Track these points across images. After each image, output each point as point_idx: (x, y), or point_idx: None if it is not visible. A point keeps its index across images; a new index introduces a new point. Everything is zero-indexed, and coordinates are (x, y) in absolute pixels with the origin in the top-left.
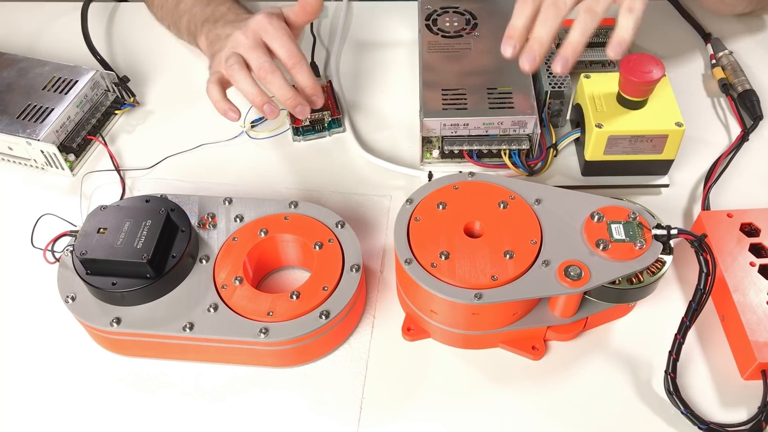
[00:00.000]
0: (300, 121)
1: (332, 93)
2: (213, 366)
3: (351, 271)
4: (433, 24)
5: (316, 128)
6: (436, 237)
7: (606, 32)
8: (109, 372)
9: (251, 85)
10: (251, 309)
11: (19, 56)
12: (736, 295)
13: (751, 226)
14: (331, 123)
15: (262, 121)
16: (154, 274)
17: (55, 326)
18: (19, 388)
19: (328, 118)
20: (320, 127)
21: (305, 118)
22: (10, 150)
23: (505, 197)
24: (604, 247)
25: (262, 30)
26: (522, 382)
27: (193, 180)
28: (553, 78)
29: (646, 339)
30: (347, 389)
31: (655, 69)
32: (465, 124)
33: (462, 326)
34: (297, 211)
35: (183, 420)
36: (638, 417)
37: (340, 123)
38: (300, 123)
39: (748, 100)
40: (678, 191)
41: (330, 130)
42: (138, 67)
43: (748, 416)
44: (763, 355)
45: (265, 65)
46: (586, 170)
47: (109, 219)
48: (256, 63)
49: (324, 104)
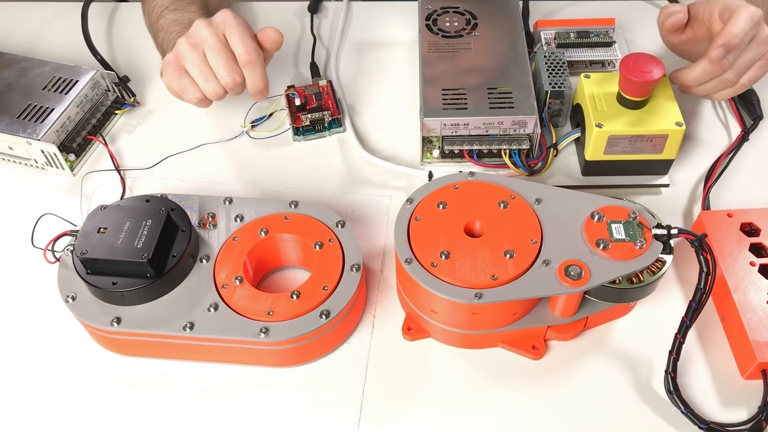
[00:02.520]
0: (300, 120)
1: (332, 93)
2: (213, 366)
3: (351, 270)
4: (433, 24)
5: (317, 128)
6: (436, 237)
7: (606, 32)
8: (109, 372)
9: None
10: (251, 309)
11: (19, 56)
12: (736, 295)
13: (751, 225)
14: (331, 123)
15: (262, 121)
16: (155, 274)
17: (55, 326)
18: (20, 387)
19: (329, 118)
20: (320, 127)
21: (305, 118)
22: (10, 150)
23: (506, 197)
24: (605, 246)
25: (224, 25)
26: (522, 382)
27: (193, 180)
28: (553, 78)
29: (646, 339)
30: (347, 389)
31: (655, 69)
32: (465, 124)
33: (462, 326)
34: (297, 210)
35: (183, 420)
36: (638, 417)
37: (341, 123)
38: (300, 123)
39: (748, 100)
40: (678, 191)
41: (330, 130)
42: (138, 67)
43: (748, 416)
44: (764, 355)
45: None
46: (586, 170)
47: (109, 219)
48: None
49: (324, 104)
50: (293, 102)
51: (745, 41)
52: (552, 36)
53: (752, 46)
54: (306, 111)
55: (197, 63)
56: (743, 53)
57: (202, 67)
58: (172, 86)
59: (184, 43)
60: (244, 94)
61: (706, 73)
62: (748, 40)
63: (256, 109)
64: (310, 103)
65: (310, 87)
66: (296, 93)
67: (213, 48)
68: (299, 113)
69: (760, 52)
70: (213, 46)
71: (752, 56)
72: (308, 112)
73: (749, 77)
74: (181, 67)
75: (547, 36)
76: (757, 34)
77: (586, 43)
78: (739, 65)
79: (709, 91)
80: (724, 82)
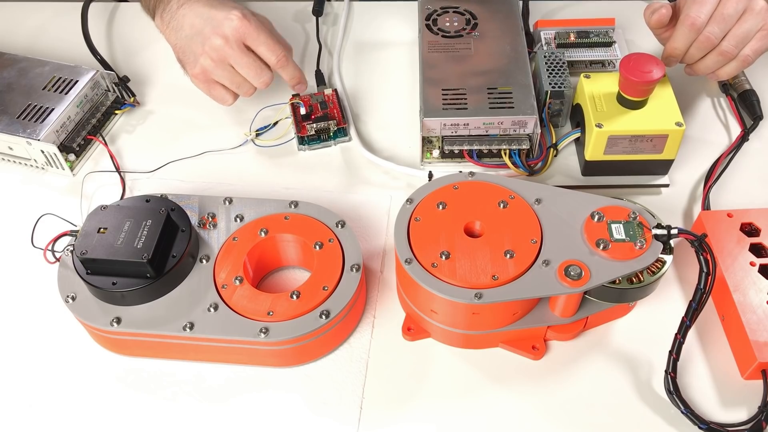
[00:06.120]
0: (305, 130)
1: (338, 101)
2: (213, 366)
3: (351, 270)
4: (433, 24)
5: (321, 137)
6: (436, 237)
7: (606, 32)
8: (109, 372)
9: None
10: (251, 309)
11: (19, 56)
12: (736, 295)
13: (751, 226)
14: (336, 132)
15: (266, 129)
16: (155, 274)
17: (55, 326)
18: (20, 387)
19: (334, 128)
20: (326, 137)
21: (310, 127)
22: (10, 150)
23: (505, 197)
24: (605, 246)
25: (245, 36)
26: (522, 382)
27: (193, 180)
28: (553, 78)
29: (646, 339)
30: (347, 389)
31: (655, 69)
32: (465, 124)
33: (462, 326)
34: (297, 210)
35: (183, 420)
36: (638, 417)
37: (346, 132)
38: (305, 132)
39: (748, 100)
40: (678, 191)
41: (336, 140)
42: (138, 67)
43: (748, 416)
44: (763, 355)
45: (281, 56)
46: (586, 170)
47: (109, 219)
48: (272, 58)
49: (330, 113)
50: (298, 111)
51: (731, 10)
52: (552, 36)
53: (747, 17)
54: (311, 120)
55: (227, 76)
56: (738, 24)
57: (233, 78)
58: (204, 92)
59: (208, 60)
60: (246, 101)
61: (684, 36)
62: (736, 11)
63: (261, 118)
64: (316, 112)
65: (315, 96)
66: (301, 102)
67: (239, 62)
68: (304, 122)
69: (758, 23)
70: (238, 61)
71: (749, 27)
72: (313, 122)
73: (752, 48)
74: (210, 80)
75: (547, 36)
76: (751, 5)
77: (586, 43)
78: (737, 36)
79: (711, 67)
80: (724, 54)
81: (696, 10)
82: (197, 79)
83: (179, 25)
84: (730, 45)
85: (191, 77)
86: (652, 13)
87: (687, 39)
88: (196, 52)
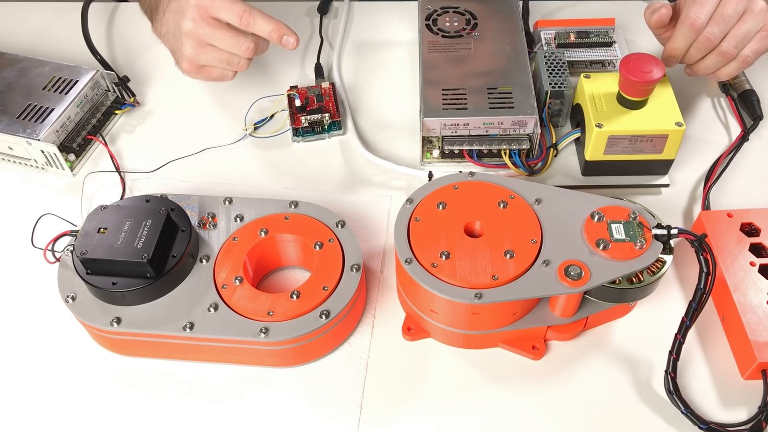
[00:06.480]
0: (299, 122)
1: (334, 95)
2: (213, 366)
3: (351, 270)
4: (433, 24)
5: (316, 130)
6: (436, 237)
7: (606, 32)
8: (109, 372)
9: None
10: (251, 309)
11: (19, 56)
12: (737, 295)
13: (751, 226)
14: (330, 125)
15: (264, 122)
16: (155, 274)
17: (55, 326)
18: (20, 387)
19: (328, 121)
20: (319, 129)
21: (305, 119)
22: (10, 150)
23: (505, 197)
24: (605, 246)
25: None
26: (522, 382)
27: (193, 180)
28: (553, 78)
29: (646, 339)
30: (347, 389)
31: (655, 69)
32: (465, 124)
33: (462, 326)
34: (297, 210)
35: (183, 420)
36: (638, 417)
37: (340, 126)
38: (299, 124)
39: (748, 100)
40: (678, 191)
41: (329, 132)
42: (138, 67)
43: (748, 416)
44: (763, 355)
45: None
46: (586, 170)
47: (109, 219)
48: (233, 16)
49: (325, 106)
50: (293, 102)
51: (731, 11)
52: (552, 36)
53: (747, 18)
54: (306, 112)
55: (213, 56)
56: (738, 24)
57: (219, 56)
58: (203, 80)
59: (188, 47)
60: (246, 96)
61: (684, 36)
62: (736, 12)
63: (258, 110)
64: (311, 104)
65: (312, 88)
66: (297, 94)
67: (214, 37)
68: (299, 114)
69: (758, 23)
70: (213, 36)
71: (749, 27)
72: (308, 114)
73: (752, 49)
74: (200, 67)
75: (547, 36)
76: (750, 6)
77: (586, 43)
78: (737, 36)
79: (711, 68)
80: (723, 54)
81: (696, 10)
82: (189, 72)
83: (167, 30)
84: (729, 46)
85: (184, 73)
86: (652, 13)
87: (687, 39)
88: (178, 46)
